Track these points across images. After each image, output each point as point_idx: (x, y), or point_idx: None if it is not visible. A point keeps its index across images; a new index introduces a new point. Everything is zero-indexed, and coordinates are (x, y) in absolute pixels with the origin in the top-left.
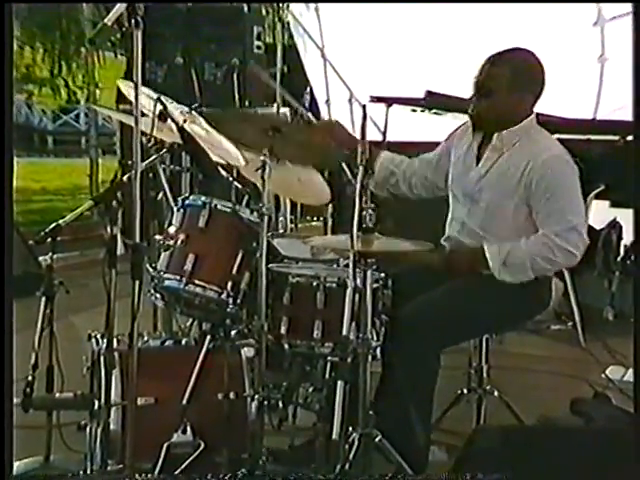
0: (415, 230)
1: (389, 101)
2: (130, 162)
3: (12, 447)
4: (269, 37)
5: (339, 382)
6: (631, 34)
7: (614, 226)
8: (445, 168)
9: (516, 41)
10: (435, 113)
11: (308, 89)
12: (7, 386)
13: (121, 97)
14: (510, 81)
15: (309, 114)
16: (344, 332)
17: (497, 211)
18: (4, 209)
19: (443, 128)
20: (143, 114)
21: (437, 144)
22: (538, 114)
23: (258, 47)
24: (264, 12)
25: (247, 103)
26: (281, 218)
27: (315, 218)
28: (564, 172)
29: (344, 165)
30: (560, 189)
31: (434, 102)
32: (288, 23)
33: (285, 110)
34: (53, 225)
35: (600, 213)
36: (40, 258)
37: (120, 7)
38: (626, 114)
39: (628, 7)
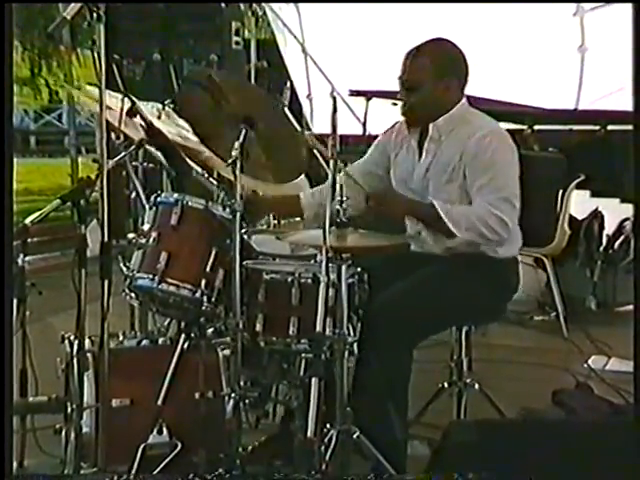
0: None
1: (368, 94)
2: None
3: (12, 447)
4: (248, 32)
5: (314, 379)
6: (632, 31)
7: (596, 216)
8: (382, 170)
9: (496, 33)
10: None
11: (288, 84)
12: (7, 386)
13: None
14: (433, 71)
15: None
16: (318, 328)
17: (445, 200)
18: (4, 209)
19: None
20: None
21: None
22: (501, 102)
23: (237, 43)
24: (242, 7)
25: None
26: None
27: None
28: (499, 147)
29: (321, 159)
30: (493, 162)
31: None
32: (266, 17)
33: None
34: (20, 225)
35: (581, 203)
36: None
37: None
38: (607, 104)
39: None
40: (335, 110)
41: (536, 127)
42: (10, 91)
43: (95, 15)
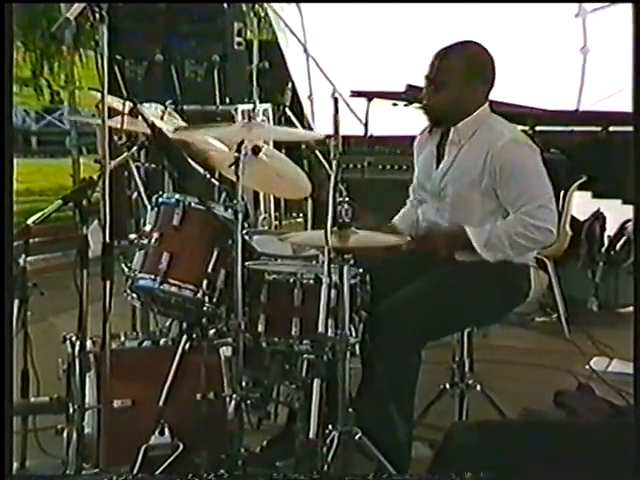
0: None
1: (369, 95)
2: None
3: (12, 447)
4: (250, 33)
5: (315, 380)
6: (632, 32)
7: (598, 217)
8: None
9: (498, 33)
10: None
11: (290, 84)
12: (7, 386)
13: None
14: (461, 72)
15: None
16: (320, 329)
17: (464, 204)
18: (4, 210)
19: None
20: (117, 112)
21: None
22: (503, 103)
23: (239, 43)
24: (244, 8)
25: (228, 100)
26: (265, 215)
27: (301, 215)
28: (524, 154)
29: (322, 159)
30: (523, 171)
31: (415, 96)
32: (268, 18)
33: (267, 106)
34: (22, 226)
35: (583, 204)
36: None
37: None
38: (609, 105)
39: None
40: (337, 111)
41: (537, 128)
42: (10, 91)
43: (98, 16)
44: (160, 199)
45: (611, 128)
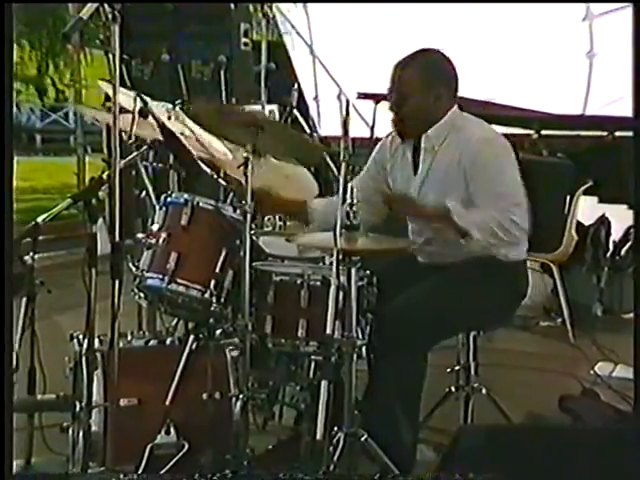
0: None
1: (377, 97)
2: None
3: (12, 447)
4: (256, 34)
5: (323, 381)
6: (632, 33)
7: (603, 222)
8: (384, 184)
9: (504, 38)
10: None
11: (296, 86)
12: (7, 386)
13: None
14: (422, 81)
15: (296, 112)
16: (328, 331)
17: None
18: (4, 209)
19: None
20: (126, 110)
21: None
22: (509, 107)
23: (245, 44)
24: (251, 9)
25: (234, 100)
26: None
27: None
28: (493, 153)
29: (330, 161)
30: (492, 169)
31: None
32: (275, 19)
33: (273, 107)
34: (32, 224)
35: (589, 209)
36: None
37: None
38: (615, 110)
39: (616, 3)
40: (347, 113)
41: (544, 132)
42: (10, 91)
43: (110, 15)
44: (168, 199)
45: (617, 133)
